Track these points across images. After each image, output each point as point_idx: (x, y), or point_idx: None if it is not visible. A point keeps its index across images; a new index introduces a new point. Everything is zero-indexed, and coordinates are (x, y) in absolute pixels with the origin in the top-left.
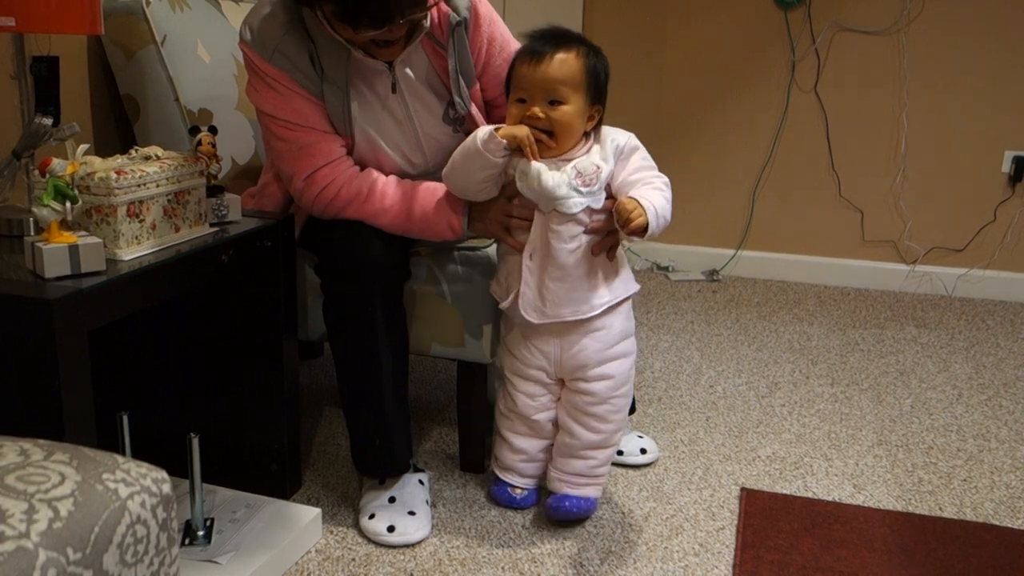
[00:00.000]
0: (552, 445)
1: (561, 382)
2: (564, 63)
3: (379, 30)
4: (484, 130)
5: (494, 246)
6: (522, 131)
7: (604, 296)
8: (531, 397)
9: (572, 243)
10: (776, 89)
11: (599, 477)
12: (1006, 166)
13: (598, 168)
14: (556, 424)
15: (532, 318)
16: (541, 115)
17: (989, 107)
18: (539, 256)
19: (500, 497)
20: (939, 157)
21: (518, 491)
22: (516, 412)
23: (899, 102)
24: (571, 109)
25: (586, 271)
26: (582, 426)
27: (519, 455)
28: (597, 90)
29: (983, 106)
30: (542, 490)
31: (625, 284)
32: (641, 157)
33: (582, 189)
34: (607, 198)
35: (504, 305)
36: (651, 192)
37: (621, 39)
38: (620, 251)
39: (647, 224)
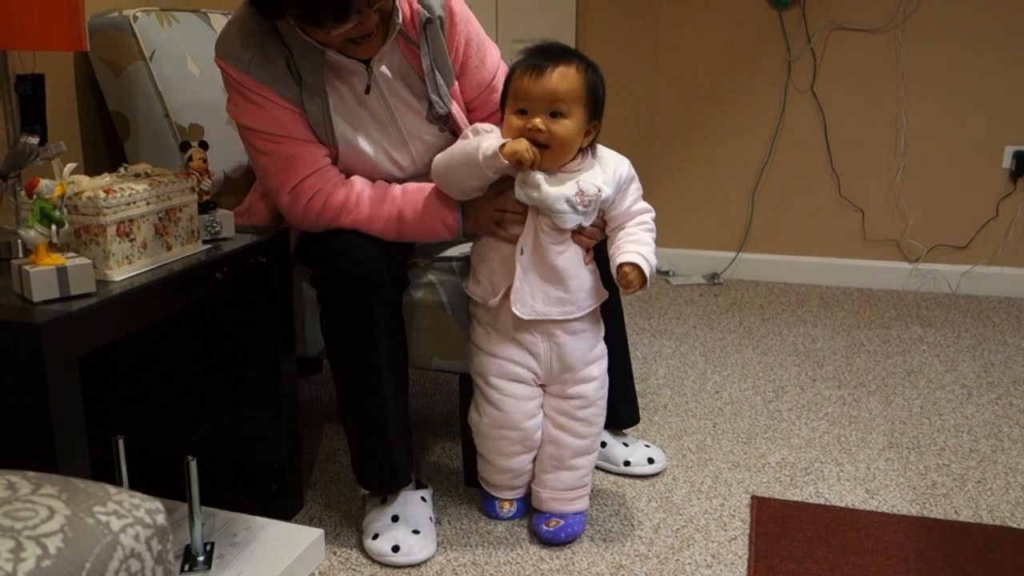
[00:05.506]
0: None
1: (542, 388)
2: (565, 77)
3: (345, 24)
4: (489, 146)
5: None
6: (522, 145)
7: (590, 299)
8: (519, 400)
9: (561, 245)
10: (772, 90)
11: (586, 487)
12: (1007, 161)
13: (599, 191)
14: (541, 434)
15: (522, 313)
16: (543, 127)
17: (988, 102)
18: (529, 252)
19: (489, 511)
20: (939, 154)
21: (507, 506)
22: (504, 423)
23: (897, 100)
24: (572, 123)
25: (574, 272)
26: (570, 433)
27: (507, 474)
28: (596, 106)
29: (982, 102)
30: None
31: (601, 290)
32: (635, 187)
33: (579, 208)
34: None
35: (493, 303)
36: (647, 240)
37: (615, 42)
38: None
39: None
